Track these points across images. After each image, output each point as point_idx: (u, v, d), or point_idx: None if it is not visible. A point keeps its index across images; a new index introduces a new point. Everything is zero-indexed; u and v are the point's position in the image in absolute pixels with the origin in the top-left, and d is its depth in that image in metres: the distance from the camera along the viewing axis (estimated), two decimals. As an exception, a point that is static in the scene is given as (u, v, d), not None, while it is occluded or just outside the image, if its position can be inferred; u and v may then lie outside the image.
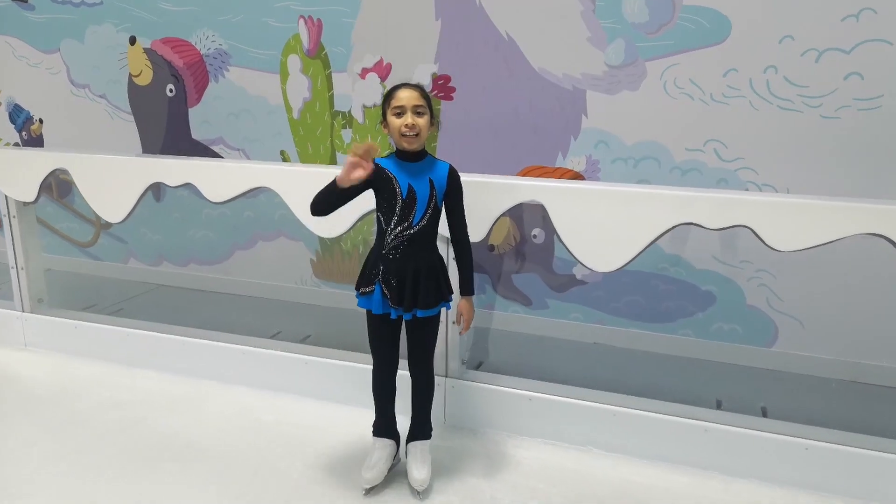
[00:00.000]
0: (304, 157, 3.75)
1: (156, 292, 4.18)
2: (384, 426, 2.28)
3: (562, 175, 3.30)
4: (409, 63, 3.42)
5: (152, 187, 2.87)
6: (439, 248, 2.19)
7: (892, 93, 2.74)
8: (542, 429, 2.51)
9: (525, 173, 3.35)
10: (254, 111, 3.79)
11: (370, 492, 2.19)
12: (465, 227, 2.18)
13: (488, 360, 3.22)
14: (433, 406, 2.30)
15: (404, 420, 2.32)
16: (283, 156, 3.79)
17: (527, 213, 3.40)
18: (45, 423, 2.62)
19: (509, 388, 2.54)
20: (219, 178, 2.73)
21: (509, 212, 2.44)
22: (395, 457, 2.30)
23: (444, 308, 2.18)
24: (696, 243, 3.13)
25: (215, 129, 3.91)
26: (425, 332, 2.17)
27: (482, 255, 3.48)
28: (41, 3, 4.10)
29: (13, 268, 3.22)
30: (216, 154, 3.93)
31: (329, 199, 2.02)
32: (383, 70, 3.48)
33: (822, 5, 2.74)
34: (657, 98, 3.05)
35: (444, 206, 2.13)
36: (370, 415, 2.30)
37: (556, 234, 2.37)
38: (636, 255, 2.25)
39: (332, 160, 3.70)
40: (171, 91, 3.96)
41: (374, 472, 2.18)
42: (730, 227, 2.13)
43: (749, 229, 2.12)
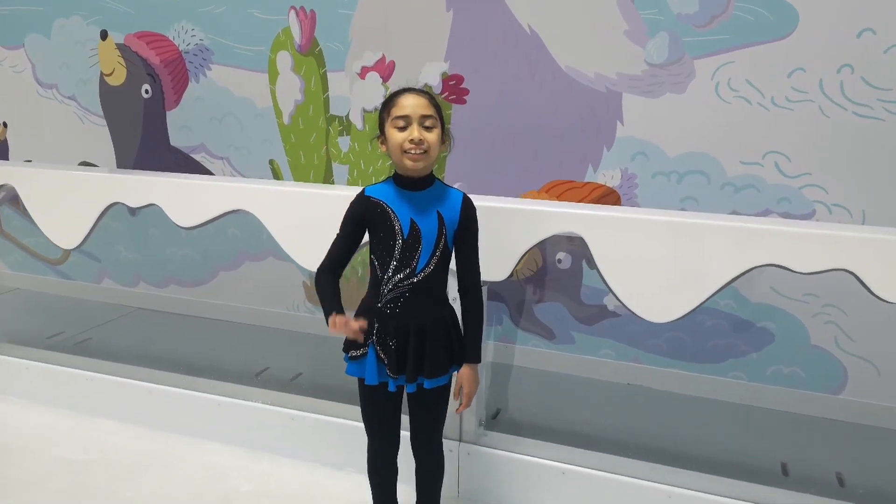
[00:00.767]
0: (297, 167, 3.31)
1: (131, 317, 3.74)
2: (385, 513, 1.83)
3: (592, 192, 2.85)
4: (415, 61, 2.96)
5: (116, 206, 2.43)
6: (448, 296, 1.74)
7: None
8: (576, 507, 2.06)
9: (548, 189, 2.89)
10: (239, 115, 3.35)
11: None
12: (478, 275, 1.71)
13: (507, 407, 2.78)
14: (444, 478, 1.86)
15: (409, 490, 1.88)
16: (273, 165, 3.35)
17: (551, 234, 2.95)
18: (-22, 493, 2.20)
19: (538, 458, 2.09)
20: (188, 200, 2.29)
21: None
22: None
23: (455, 373, 1.73)
24: (753, 272, 2.66)
25: (196, 136, 3.46)
26: (433, 405, 1.72)
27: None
28: (3, -7, 3.67)
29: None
30: (197, 164, 3.48)
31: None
32: (386, 69, 3.02)
33: (913, -8, 2.28)
34: (707, 102, 2.59)
35: (453, 245, 1.69)
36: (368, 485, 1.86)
37: (597, 270, 1.92)
38: (701, 303, 1.80)
39: (328, 171, 3.25)
40: (146, 92, 3.51)
41: None
42: (826, 270, 1.67)
43: (851, 274, 1.67)
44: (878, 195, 2.46)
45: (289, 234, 2.18)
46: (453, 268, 1.69)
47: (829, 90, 2.45)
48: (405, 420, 1.77)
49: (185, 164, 3.51)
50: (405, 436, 1.78)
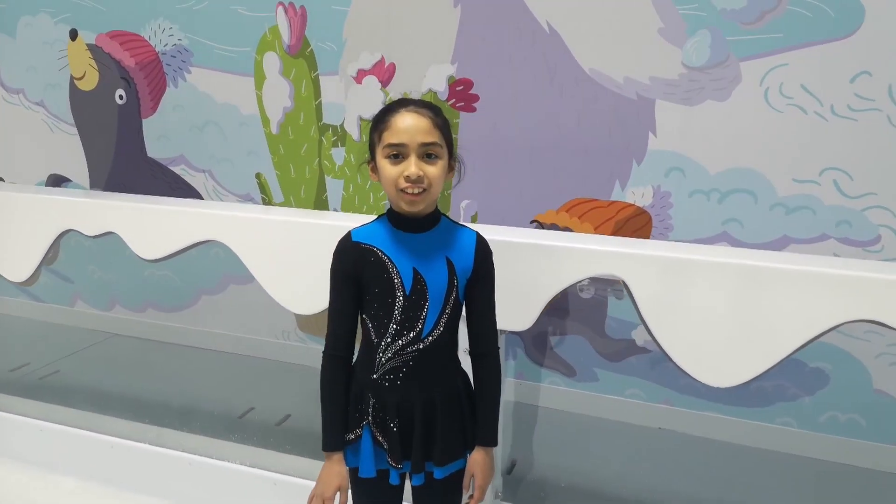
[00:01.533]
0: (286, 181, 2.96)
1: (105, 344, 3.40)
2: None
3: (619, 212, 2.50)
4: (418, 63, 2.61)
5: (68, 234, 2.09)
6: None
7: None
8: None
9: (569, 209, 2.55)
10: (222, 124, 3.00)
11: None
12: (496, 336, 1.37)
13: (523, 456, 2.43)
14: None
15: None
16: (260, 179, 3.00)
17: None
18: None
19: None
20: (152, 228, 1.95)
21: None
22: None
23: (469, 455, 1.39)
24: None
25: (175, 146, 3.12)
26: (446, 498, 1.37)
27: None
28: (-37, -12, 3.33)
29: None
30: (177, 177, 3.14)
31: None
32: (385, 72, 2.68)
33: None
34: (755, 111, 2.25)
35: (464, 298, 1.35)
36: None
37: (641, 321, 1.58)
38: (776, 364, 1.46)
39: (321, 187, 2.91)
40: (121, 98, 3.17)
41: None
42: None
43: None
44: (958, 220, 2.12)
45: (268, 270, 1.84)
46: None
47: (899, 97, 2.11)
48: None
49: (164, 177, 3.18)
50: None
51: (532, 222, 2.61)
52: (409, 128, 1.21)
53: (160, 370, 3.09)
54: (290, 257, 1.82)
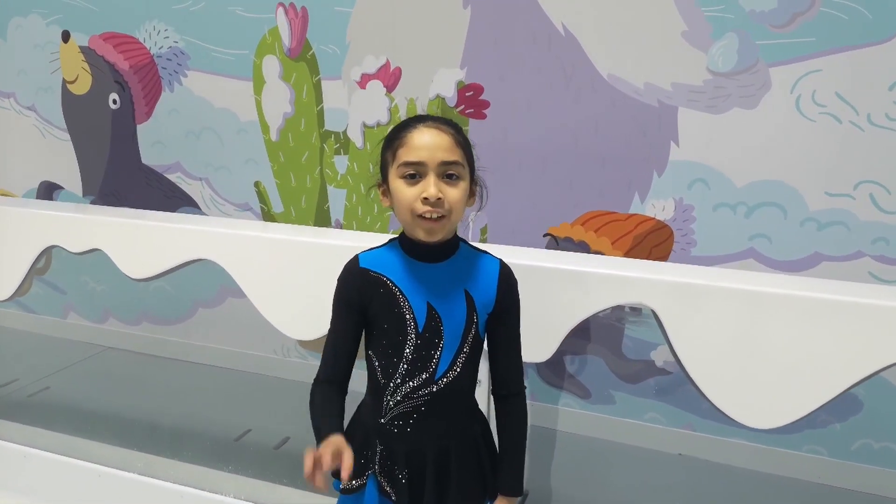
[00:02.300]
0: (286, 190, 2.83)
1: (98, 358, 3.27)
2: None
3: (637, 225, 2.36)
4: (425, 67, 2.48)
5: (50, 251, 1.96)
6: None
7: None
8: None
9: (584, 222, 2.41)
10: (219, 130, 2.87)
11: None
12: (521, 375, 1.23)
13: (536, 484, 2.30)
14: None
15: None
16: (259, 188, 2.87)
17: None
18: None
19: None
20: (140, 246, 1.81)
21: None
22: None
23: (488, 505, 1.25)
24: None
25: (171, 153, 2.99)
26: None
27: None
28: (-48, -12, 3.20)
29: None
30: (172, 186, 3.01)
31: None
32: (390, 77, 2.55)
33: None
34: (785, 119, 2.11)
35: (485, 334, 1.20)
36: None
37: (672, 353, 1.44)
38: (825, 404, 1.32)
39: (322, 196, 2.77)
40: (114, 102, 3.04)
41: None
42: None
43: None
44: None
45: (265, 292, 1.71)
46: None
47: (942, 106, 1.97)
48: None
49: (159, 185, 3.05)
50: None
51: (545, 235, 2.47)
52: (427, 144, 1.07)
53: (154, 387, 2.96)
54: (289, 279, 1.68)
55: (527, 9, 2.31)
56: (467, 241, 1.21)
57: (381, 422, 1.17)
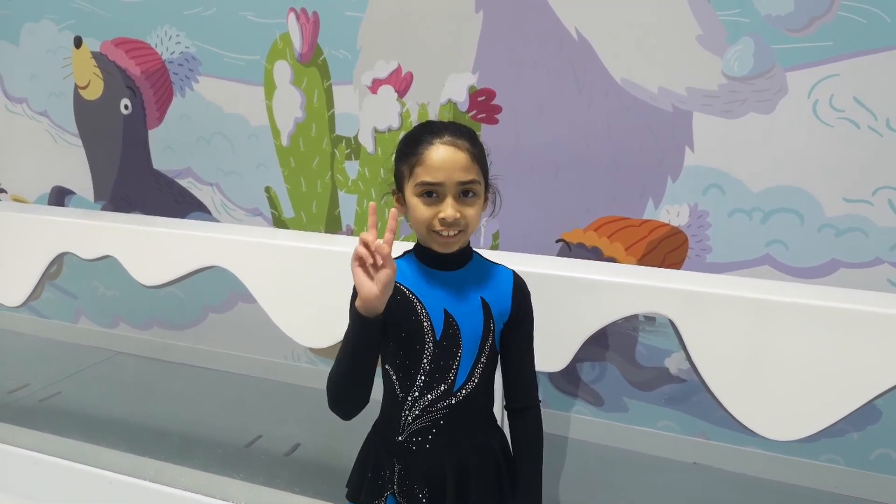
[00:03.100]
0: (297, 196, 2.82)
1: (109, 363, 3.27)
2: None
3: (651, 231, 2.34)
4: (437, 72, 2.47)
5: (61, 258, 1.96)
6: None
7: None
8: None
9: (597, 228, 2.39)
10: (230, 135, 2.87)
11: None
12: (535, 388, 1.22)
13: (546, 494, 2.26)
14: None
15: None
16: (269, 194, 2.87)
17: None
18: None
19: None
20: (151, 252, 1.80)
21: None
22: None
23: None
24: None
25: (182, 158, 2.99)
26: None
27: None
28: (-34, -6, 3.22)
29: None
30: (183, 191, 3.01)
31: (350, 368, 1.08)
32: (401, 82, 2.54)
33: None
34: (802, 124, 2.08)
35: (500, 345, 1.19)
36: None
37: (691, 364, 1.41)
38: (845, 416, 1.29)
39: (333, 202, 2.77)
40: (126, 107, 3.05)
41: None
42: None
43: None
44: None
45: (276, 299, 1.69)
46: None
47: (963, 111, 1.94)
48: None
49: (170, 190, 3.05)
50: None
51: (558, 241, 2.45)
52: (445, 164, 1.06)
53: (164, 392, 2.96)
54: (300, 286, 1.67)
55: (539, 13, 2.30)
56: (479, 252, 1.20)
57: (399, 440, 1.15)
